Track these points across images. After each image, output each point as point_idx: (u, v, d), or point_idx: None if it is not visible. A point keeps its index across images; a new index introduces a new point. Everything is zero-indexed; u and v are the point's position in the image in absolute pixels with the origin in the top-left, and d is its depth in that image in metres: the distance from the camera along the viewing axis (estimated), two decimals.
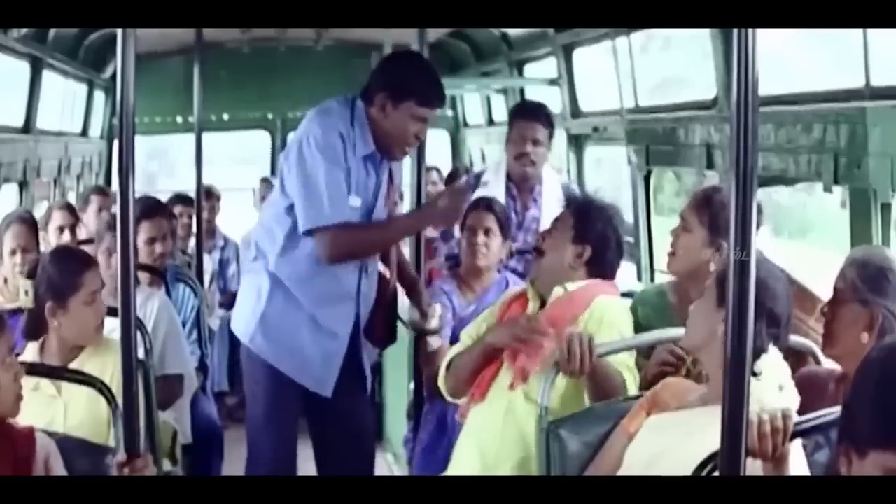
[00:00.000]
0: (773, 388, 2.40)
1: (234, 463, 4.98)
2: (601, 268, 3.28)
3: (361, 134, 3.63)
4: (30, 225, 4.62)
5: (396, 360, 5.24)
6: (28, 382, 2.92)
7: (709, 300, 2.52)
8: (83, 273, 3.31)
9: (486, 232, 4.13)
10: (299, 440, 3.85)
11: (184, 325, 4.58)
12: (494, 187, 4.70)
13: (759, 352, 2.34)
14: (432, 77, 3.70)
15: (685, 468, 2.21)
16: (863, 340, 2.60)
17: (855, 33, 3.42)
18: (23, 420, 2.60)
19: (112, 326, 3.49)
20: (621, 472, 2.59)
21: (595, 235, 3.28)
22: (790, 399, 2.40)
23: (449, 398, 3.43)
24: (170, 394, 4.14)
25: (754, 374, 2.31)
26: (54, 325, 3.27)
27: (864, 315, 2.62)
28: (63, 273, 3.28)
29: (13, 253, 4.47)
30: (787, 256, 2.59)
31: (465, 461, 3.21)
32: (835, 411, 2.20)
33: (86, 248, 4.88)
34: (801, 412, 2.14)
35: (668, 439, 2.47)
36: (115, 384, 2.99)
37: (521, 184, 4.77)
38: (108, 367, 3.24)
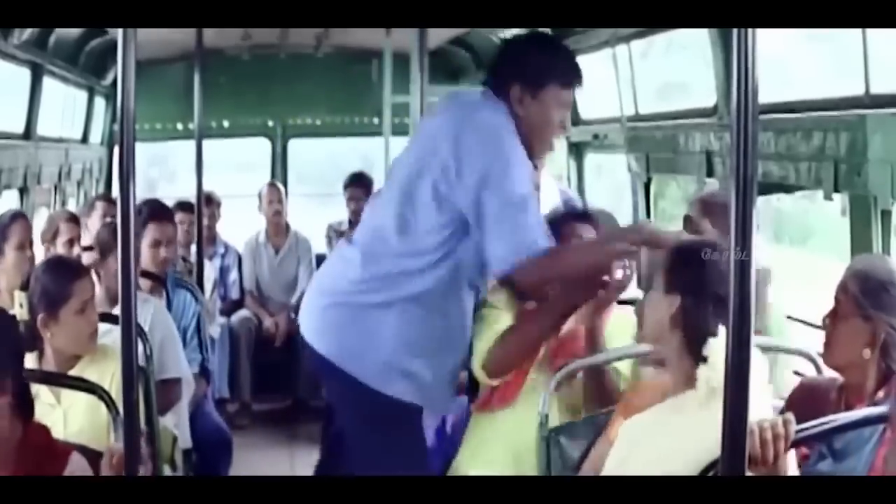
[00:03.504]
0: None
1: (237, 469, 5.01)
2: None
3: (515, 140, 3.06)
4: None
5: None
6: None
7: (657, 288, 2.49)
8: (73, 283, 3.31)
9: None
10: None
11: (185, 331, 4.60)
12: None
13: (706, 336, 2.32)
14: (566, 52, 3.23)
15: (655, 469, 2.23)
16: (864, 356, 2.58)
17: (855, 40, 3.43)
18: None
19: (107, 331, 3.51)
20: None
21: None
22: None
23: (490, 380, 3.18)
24: (168, 398, 4.15)
25: (703, 360, 2.31)
26: (47, 335, 3.27)
27: (866, 330, 2.59)
28: (53, 284, 3.29)
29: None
30: (789, 262, 2.57)
31: (498, 464, 3.16)
32: (835, 419, 2.20)
33: (87, 253, 4.93)
34: (802, 421, 2.14)
35: (636, 441, 2.48)
36: (115, 391, 3.00)
37: None
38: (106, 375, 3.24)
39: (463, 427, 3.41)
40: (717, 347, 2.32)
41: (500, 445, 3.19)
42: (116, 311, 3.72)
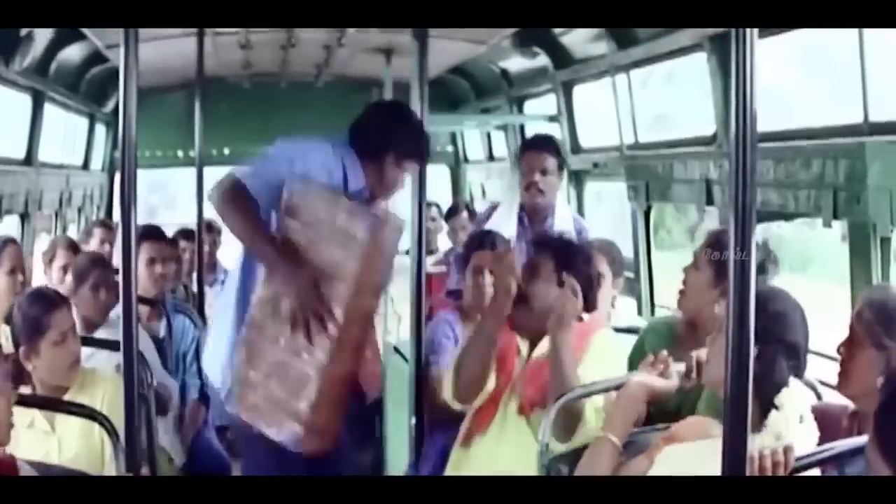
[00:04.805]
0: (795, 419, 2.38)
1: None
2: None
3: (353, 171, 3.57)
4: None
5: (397, 396, 5.22)
6: (23, 419, 2.91)
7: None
8: (50, 314, 3.26)
9: (492, 273, 4.07)
10: None
11: (184, 356, 4.60)
12: (506, 224, 4.70)
13: (780, 385, 2.35)
14: (412, 131, 3.61)
15: None
16: (879, 385, 2.57)
17: (853, 68, 3.44)
18: (19, 456, 2.58)
19: (88, 355, 3.50)
20: None
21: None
22: (810, 431, 2.39)
23: (457, 405, 3.37)
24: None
25: (775, 407, 2.32)
26: (29, 367, 3.24)
27: (880, 360, 2.58)
28: (31, 315, 3.25)
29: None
30: (789, 289, 2.57)
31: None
32: (832, 447, 2.20)
33: None
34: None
35: (678, 468, 2.46)
36: (106, 414, 3.00)
37: (533, 215, 4.76)
38: (96, 399, 3.22)
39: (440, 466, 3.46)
40: (789, 394, 2.34)
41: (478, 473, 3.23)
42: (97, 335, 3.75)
